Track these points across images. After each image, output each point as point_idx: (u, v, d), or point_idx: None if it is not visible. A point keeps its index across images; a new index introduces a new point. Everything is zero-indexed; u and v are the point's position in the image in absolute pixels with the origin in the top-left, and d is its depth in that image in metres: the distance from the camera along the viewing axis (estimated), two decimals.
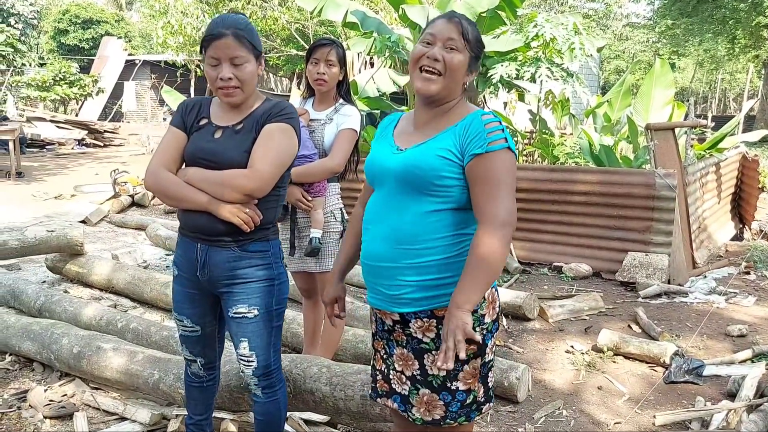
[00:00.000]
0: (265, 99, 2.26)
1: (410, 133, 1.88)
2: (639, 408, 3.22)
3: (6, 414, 3.02)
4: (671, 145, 5.82)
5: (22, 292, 4.26)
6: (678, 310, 4.73)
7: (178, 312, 2.33)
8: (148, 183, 2.19)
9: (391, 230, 1.79)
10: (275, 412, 2.35)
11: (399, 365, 1.89)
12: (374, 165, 1.89)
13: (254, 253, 2.20)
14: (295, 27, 16.01)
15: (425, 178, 1.73)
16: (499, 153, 1.71)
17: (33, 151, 15.74)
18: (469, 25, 1.80)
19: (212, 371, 2.46)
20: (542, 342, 4.09)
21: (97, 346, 3.22)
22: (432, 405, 1.83)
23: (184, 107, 2.25)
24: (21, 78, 20.20)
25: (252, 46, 2.12)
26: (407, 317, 1.81)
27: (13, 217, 7.76)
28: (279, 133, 2.15)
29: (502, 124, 1.76)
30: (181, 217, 2.23)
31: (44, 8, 30.77)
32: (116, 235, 7.18)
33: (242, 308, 2.20)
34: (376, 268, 1.84)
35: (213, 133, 2.17)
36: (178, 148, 2.19)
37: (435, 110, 1.84)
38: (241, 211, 2.10)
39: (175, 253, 2.32)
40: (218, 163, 2.11)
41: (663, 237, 5.41)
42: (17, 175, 11.18)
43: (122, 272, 4.78)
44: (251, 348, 2.24)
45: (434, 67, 1.77)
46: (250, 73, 2.13)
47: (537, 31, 6.66)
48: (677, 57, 27.53)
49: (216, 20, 2.14)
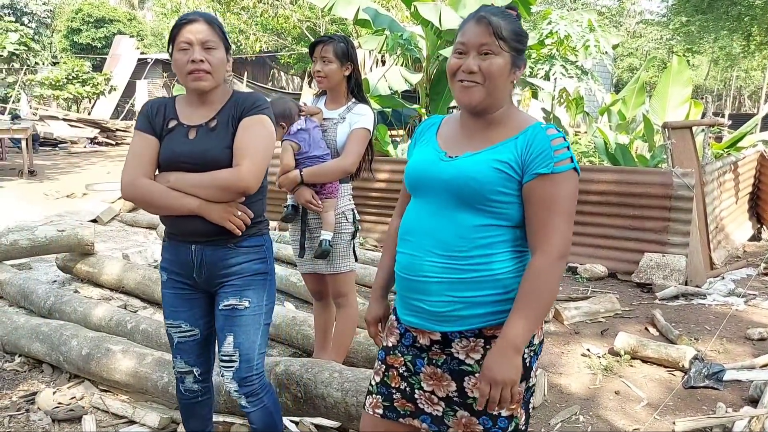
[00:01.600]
0: (233, 92, 2.20)
1: (459, 139, 1.73)
2: (658, 414, 3.14)
3: (14, 417, 2.99)
4: (689, 144, 5.72)
5: (33, 292, 4.24)
6: (696, 312, 4.64)
7: (172, 318, 2.26)
8: (126, 193, 2.11)
9: (437, 242, 1.65)
10: (267, 418, 2.26)
11: (428, 385, 1.75)
12: (418, 172, 1.74)
13: (249, 247, 2.18)
14: (306, 25, 15.98)
15: (479, 191, 1.60)
16: (564, 175, 1.59)
17: (46, 150, 15.81)
18: (502, 18, 1.62)
19: (206, 383, 2.38)
20: (558, 345, 4.02)
21: (106, 348, 3.18)
22: (470, 428, 1.71)
23: (148, 109, 2.18)
24: (34, 77, 20.28)
25: (223, 35, 2.12)
26: (450, 336, 1.68)
27: (25, 216, 7.77)
28: (259, 126, 2.11)
29: (566, 140, 1.64)
30: (169, 222, 2.17)
31: (57, 7, 30.97)
32: (127, 234, 7.17)
33: (233, 300, 2.16)
34: (418, 283, 1.68)
35: (186, 134, 2.11)
36: (151, 154, 2.11)
37: (488, 119, 1.70)
38: (232, 215, 2.07)
39: (162, 258, 2.26)
40: (200, 164, 2.06)
41: (680, 237, 5.32)
42: (30, 173, 11.22)
43: (132, 272, 4.75)
44: (236, 344, 2.16)
45: (473, 80, 1.63)
46: (220, 60, 2.10)
47: (551, 29, 6.58)
48: (691, 54, 27.23)
49: (186, 12, 2.15)
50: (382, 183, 6.42)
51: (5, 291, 4.49)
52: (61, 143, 16.89)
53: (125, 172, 2.10)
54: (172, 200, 2.06)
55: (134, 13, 32.23)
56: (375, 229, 6.78)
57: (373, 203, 6.59)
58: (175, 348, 2.30)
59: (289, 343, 3.71)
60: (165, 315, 2.29)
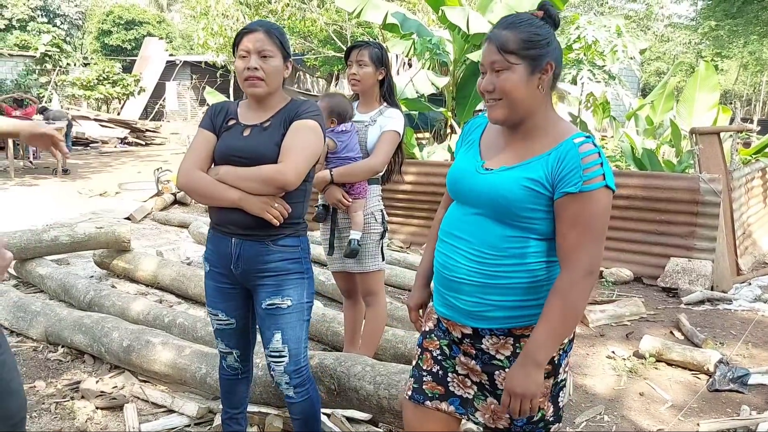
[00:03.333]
0: (291, 100, 2.33)
1: (498, 148, 1.76)
2: (682, 415, 3.18)
3: (60, 404, 3.13)
4: (716, 149, 5.72)
5: (73, 287, 4.40)
6: (722, 317, 4.66)
7: (212, 306, 2.40)
8: (180, 182, 2.26)
9: (473, 248, 1.71)
10: (310, 410, 2.39)
11: (462, 369, 1.82)
12: (457, 180, 1.79)
13: (286, 247, 2.27)
14: (333, 28, 16.11)
15: (509, 208, 1.64)
16: (594, 193, 1.58)
17: (77, 149, 16.16)
18: (510, 31, 1.65)
19: (247, 363, 2.52)
20: (583, 347, 4.07)
21: (146, 340, 3.31)
22: (497, 416, 1.78)
23: (212, 110, 2.35)
24: (66, 77, 20.72)
25: (281, 45, 2.23)
26: (481, 332, 1.75)
27: (60, 213, 7.99)
28: (307, 129, 2.22)
29: (601, 156, 1.61)
30: (214, 213, 2.30)
31: (89, 10, 31.55)
32: (160, 232, 7.34)
33: (276, 299, 2.26)
34: (455, 282, 1.75)
35: (242, 132, 2.25)
36: (208, 148, 2.27)
37: (522, 129, 1.72)
38: (270, 206, 2.17)
39: (206, 249, 2.39)
40: (249, 159, 2.18)
41: (707, 243, 5.33)
42: (63, 172, 11.51)
43: (167, 268, 4.89)
44: (284, 341, 2.28)
45: (492, 98, 1.68)
46: (275, 68, 2.22)
47: (579, 33, 6.62)
48: (720, 59, 26.91)
49: (251, 22, 2.28)
50: (408, 185, 6.50)
51: (46, 285, 4.66)
52: (92, 143, 17.25)
53: (183, 163, 2.25)
54: (218, 191, 2.19)
55: (163, 16, 32.71)
56: (401, 230, 6.86)
57: (399, 205, 6.68)
58: (215, 331, 2.46)
59: (319, 339, 3.81)
60: (207, 302, 2.43)
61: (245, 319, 2.43)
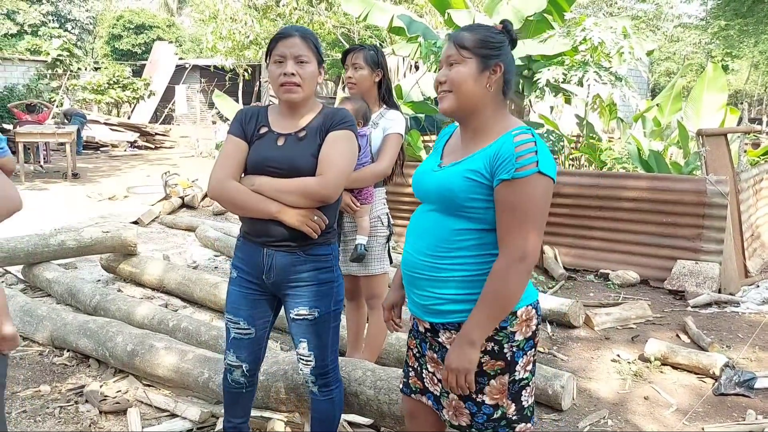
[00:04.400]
0: (322, 107, 2.31)
1: (455, 149, 1.89)
2: (687, 420, 3.16)
3: (64, 408, 3.15)
4: (723, 151, 5.68)
5: (79, 291, 4.43)
6: (729, 320, 4.62)
7: (233, 314, 2.37)
8: (213, 193, 2.23)
9: (427, 244, 1.82)
10: (330, 411, 2.41)
11: (431, 366, 1.94)
12: (417, 182, 1.94)
13: (318, 256, 2.27)
14: (341, 31, 16.14)
15: (454, 199, 1.75)
16: (528, 179, 1.67)
17: (88, 153, 16.27)
18: (468, 32, 1.80)
19: (253, 378, 2.50)
20: (588, 350, 4.05)
21: (150, 345, 3.33)
22: (459, 411, 1.86)
23: (242, 116, 2.30)
24: (77, 81, 20.87)
25: (317, 50, 2.23)
26: (437, 327, 1.86)
27: (69, 217, 8.06)
28: (344, 141, 2.22)
29: (536, 146, 1.69)
30: (247, 223, 2.28)
31: (99, 14, 31.78)
32: (167, 236, 7.38)
33: (303, 310, 2.27)
34: (413, 278, 1.87)
35: (276, 141, 2.23)
36: (240, 157, 2.23)
37: (471, 127, 1.84)
38: (310, 219, 2.16)
39: (234, 257, 2.38)
40: (286, 170, 2.16)
41: (714, 245, 5.29)
42: (73, 176, 11.60)
43: (173, 273, 4.91)
44: (310, 348, 2.31)
45: (443, 89, 1.81)
46: (311, 73, 2.21)
47: (585, 35, 6.58)
48: (731, 59, 26.72)
49: (286, 26, 2.26)
50: None
51: (53, 289, 4.69)
52: (102, 146, 17.36)
53: (214, 172, 2.22)
54: (254, 203, 2.16)
55: (173, 20, 32.90)
56: None
57: (405, 207, 6.67)
58: (230, 342, 2.42)
59: None
60: (227, 309, 2.40)
61: (264, 330, 2.42)
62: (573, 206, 5.83)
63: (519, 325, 1.79)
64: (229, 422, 2.55)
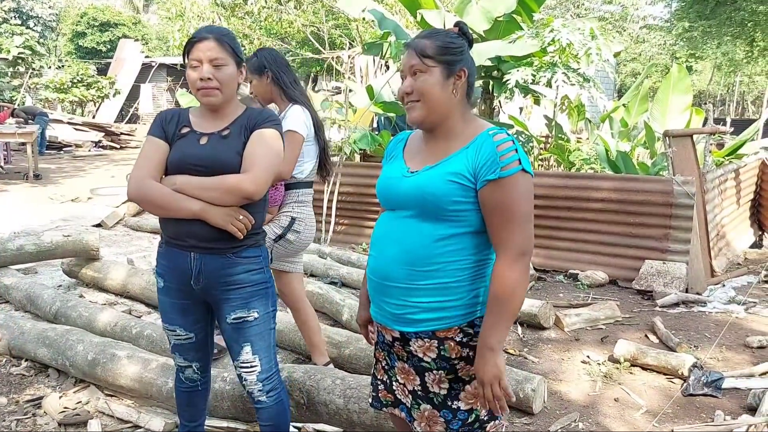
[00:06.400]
0: (246, 108, 2.27)
1: (421, 153, 1.84)
2: (657, 421, 3.17)
3: (21, 420, 3.03)
4: (689, 151, 5.75)
5: (38, 297, 4.29)
6: (696, 319, 4.67)
7: (168, 323, 2.31)
8: (133, 193, 2.15)
9: (404, 253, 1.76)
10: (282, 414, 2.35)
11: (401, 378, 1.90)
12: (385, 188, 1.86)
13: (248, 258, 2.21)
14: (310, 30, 16.02)
15: (437, 203, 1.70)
16: (513, 178, 1.67)
17: (51, 153, 15.89)
18: (429, 39, 1.77)
19: (206, 374, 2.46)
20: (558, 352, 4.05)
21: (111, 354, 3.23)
22: (433, 421, 1.83)
23: (162, 118, 2.24)
24: (39, 80, 20.40)
25: (233, 51, 2.17)
26: (408, 336, 1.81)
27: (30, 219, 7.82)
28: (270, 138, 2.18)
29: (515, 144, 1.71)
30: (168, 226, 2.19)
31: (63, 11, 31.11)
32: (131, 239, 7.21)
33: (241, 312, 2.20)
34: (384, 287, 1.82)
35: (198, 140, 2.17)
36: (160, 157, 2.16)
37: (439, 132, 1.81)
38: (235, 218, 2.10)
39: (158, 264, 2.29)
40: (209, 168, 2.10)
41: (681, 245, 5.35)
42: (35, 177, 11.29)
43: (137, 277, 4.79)
44: (254, 352, 2.24)
45: (411, 100, 1.78)
46: (229, 75, 2.15)
47: (553, 36, 6.61)
48: (694, 60, 27.23)
49: (200, 28, 2.19)
50: None
51: (11, 296, 4.53)
52: (65, 147, 16.98)
53: (133, 174, 2.14)
54: (176, 202, 2.08)
55: (139, 17, 32.35)
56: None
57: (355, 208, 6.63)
58: (172, 347, 2.38)
59: (293, 348, 3.75)
60: (162, 318, 2.35)
61: (204, 332, 2.37)
62: (542, 207, 5.84)
63: None
64: (184, 426, 2.50)
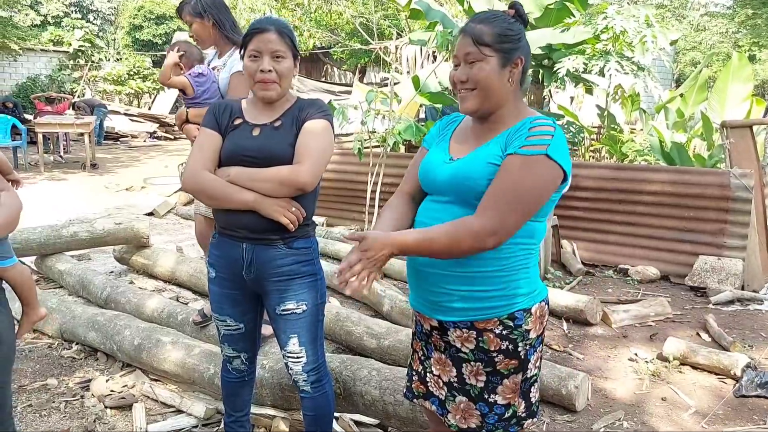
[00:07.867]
0: (297, 98, 2.26)
1: (467, 141, 1.80)
2: (706, 422, 3.06)
3: (69, 402, 3.13)
4: (748, 143, 5.51)
5: (90, 282, 4.42)
6: (752, 318, 4.48)
7: (219, 313, 2.34)
8: (188, 184, 2.18)
9: None
10: (325, 406, 2.35)
11: (436, 369, 1.86)
12: (427, 174, 1.82)
13: (299, 249, 2.21)
14: (359, 21, 16.03)
15: (474, 188, 1.65)
16: (531, 158, 1.59)
17: (108, 143, 16.38)
18: (485, 25, 1.69)
19: (253, 365, 2.49)
20: (604, 348, 3.95)
21: (156, 339, 3.30)
22: (468, 414, 1.79)
23: (215, 109, 2.26)
24: (98, 72, 21.01)
25: (292, 44, 2.17)
26: (446, 325, 1.77)
27: (86, 208, 8.08)
28: (322, 130, 2.17)
29: (554, 131, 1.62)
30: (221, 217, 2.22)
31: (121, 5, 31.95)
32: (182, 228, 7.37)
33: (291, 304, 2.21)
34: (423, 273, 1.77)
35: (251, 131, 2.18)
36: (214, 148, 2.18)
37: (490, 119, 1.76)
38: (288, 210, 2.11)
39: (210, 254, 2.31)
40: (262, 159, 2.11)
41: (738, 240, 5.14)
42: (92, 166, 11.66)
43: (185, 265, 4.88)
44: (301, 344, 2.25)
45: (465, 88, 1.72)
46: (287, 69, 2.16)
47: (607, 23, 6.41)
48: (758, 48, 26.14)
49: (260, 18, 2.20)
50: None
51: (65, 281, 4.69)
52: (122, 137, 17.47)
53: (188, 165, 2.17)
54: (230, 193, 2.10)
55: None
56: None
57: None
58: (222, 337, 2.40)
59: (332, 338, 3.76)
60: (212, 308, 2.38)
61: (254, 323, 2.39)
62: (592, 200, 5.70)
63: (534, 322, 1.74)
64: (230, 416, 2.52)
